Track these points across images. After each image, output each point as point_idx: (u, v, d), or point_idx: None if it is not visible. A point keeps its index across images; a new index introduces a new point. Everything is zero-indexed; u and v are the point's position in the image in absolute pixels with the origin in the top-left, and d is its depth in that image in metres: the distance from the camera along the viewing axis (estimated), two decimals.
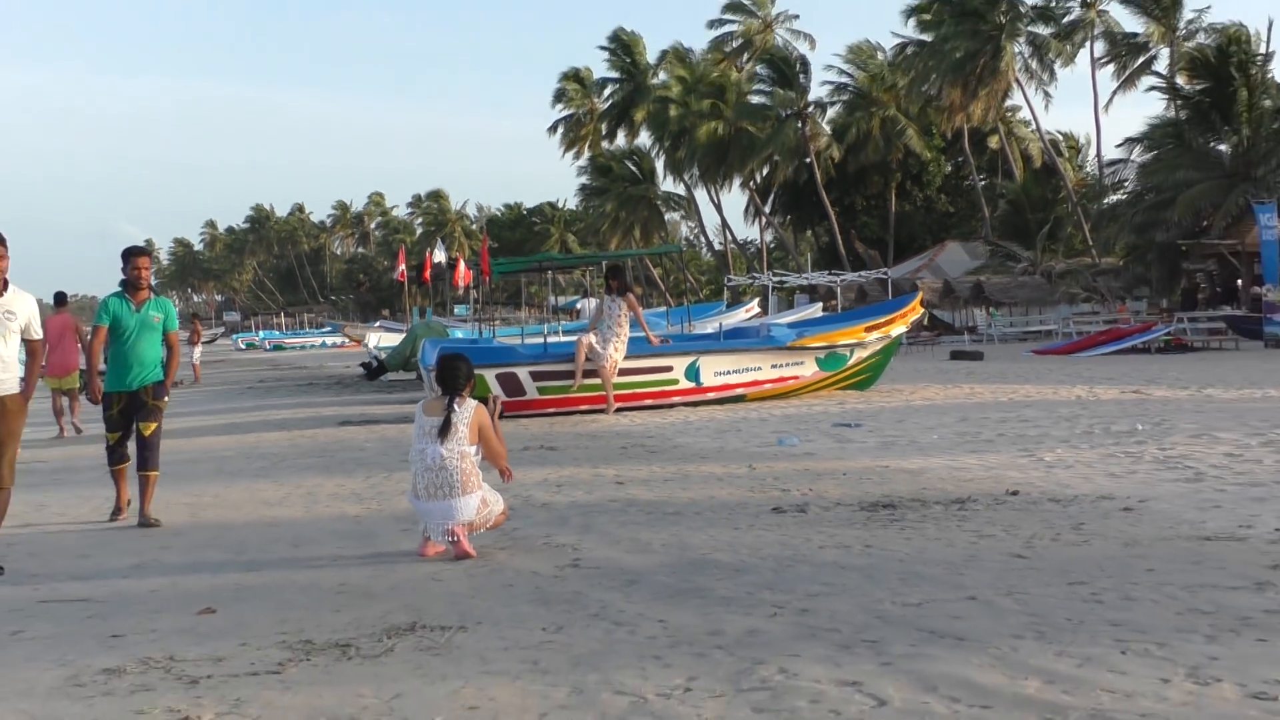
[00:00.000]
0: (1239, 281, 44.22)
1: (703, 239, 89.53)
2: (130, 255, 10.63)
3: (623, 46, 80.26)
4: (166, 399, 10.85)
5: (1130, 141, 53.99)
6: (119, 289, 10.70)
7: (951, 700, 5.08)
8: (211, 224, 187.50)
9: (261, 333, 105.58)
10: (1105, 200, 57.62)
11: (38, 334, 8.87)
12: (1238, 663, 5.38)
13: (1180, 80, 53.68)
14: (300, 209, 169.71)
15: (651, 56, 79.80)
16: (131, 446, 11.22)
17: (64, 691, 5.90)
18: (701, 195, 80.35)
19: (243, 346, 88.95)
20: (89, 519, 11.89)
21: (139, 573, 8.91)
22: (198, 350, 46.24)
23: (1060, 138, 70.02)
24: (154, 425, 10.64)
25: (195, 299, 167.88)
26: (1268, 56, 49.39)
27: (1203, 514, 9.39)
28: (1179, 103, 51.81)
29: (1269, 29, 52.30)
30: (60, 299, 23.36)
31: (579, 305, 49.40)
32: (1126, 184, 55.07)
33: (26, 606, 8.04)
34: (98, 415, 11.72)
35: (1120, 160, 56.46)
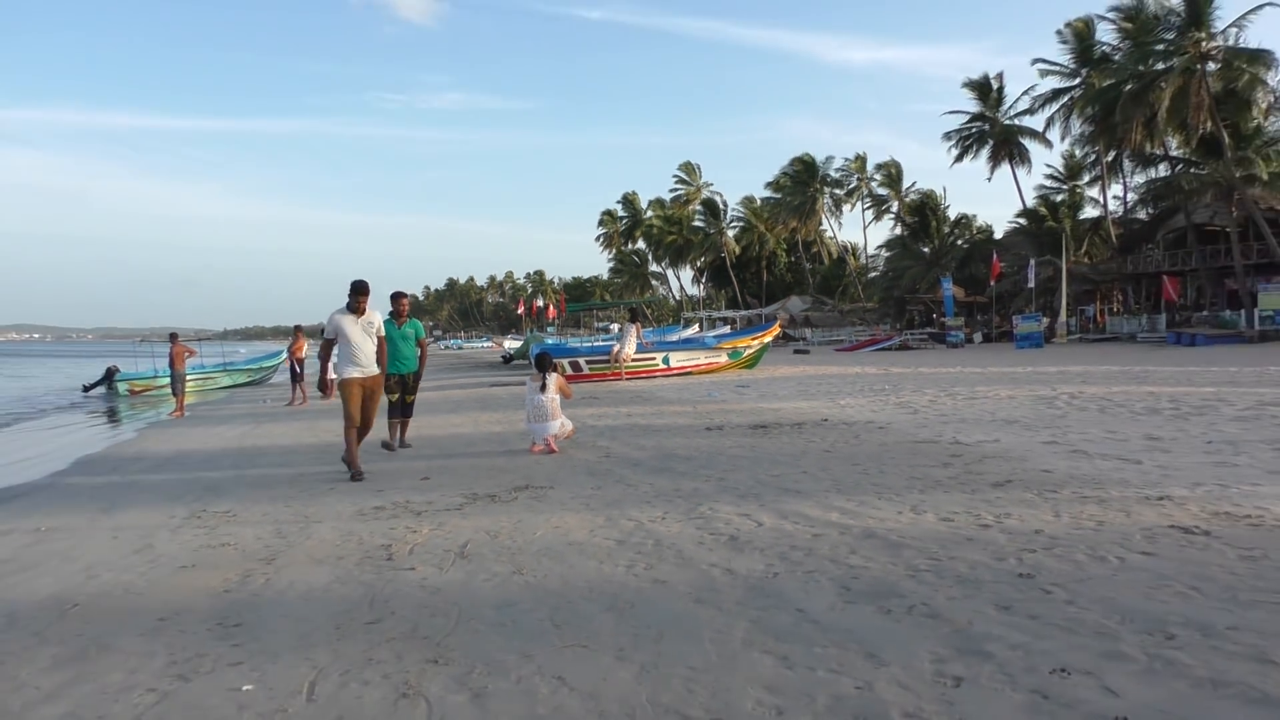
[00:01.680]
0: (934, 315, 53.38)
1: (670, 295, 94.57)
2: (397, 298, 10.49)
3: (628, 202, 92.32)
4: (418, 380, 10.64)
5: (881, 246, 68.66)
6: (389, 316, 10.16)
7: (794, 523, 5.59)
8: (426, 287, 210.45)
9: (453, 340, 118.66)
10: (868, 275, 71.28)
11: (382, 334, 8.62)
12: (935, 504, 5.93)
13: (905, 216, 64.06)
14: (471, 279, 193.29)
15: (644, 201, 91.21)
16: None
17: (354, 517, 6.53)
18: (670, 273, 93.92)
19: (443, 348, 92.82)
20: (372, 434, 12.25)
21: (390, 460, 9.44)
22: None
23: (848, 244, 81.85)
24: (413, 395, 10.49)
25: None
26: (946, 206, 61.96)
27: (918, 430, 9.88)
28: (904, 228, 63.53)
29: (944, 192, 65.24)
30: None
31: (612, 327, 51.05)
32: (879, 267, 69.08)
33: (339, 474, 8.62)
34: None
35: (875, 255, 72.30)
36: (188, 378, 21.17)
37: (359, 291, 8.50)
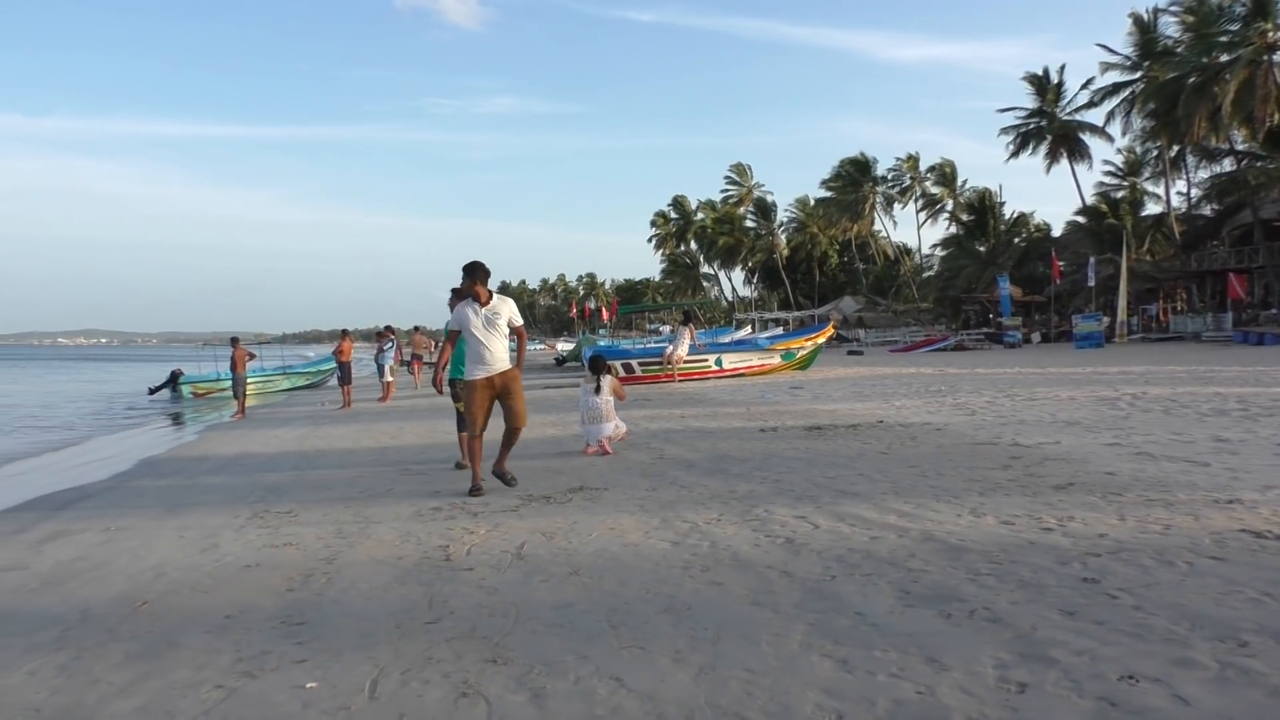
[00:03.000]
0: (990, 315, 52.31)
1: (721, 296, 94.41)
2: (457, 291, 8.36)
3: (679, 203, 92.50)
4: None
5: (935, 245, 67.80)
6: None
7: (851, 525, 5.53)
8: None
9: None
10: (922, 274, 70.05)
11: (519, 321, 7.40)
12: (995, 507, 5.83)
13: (960, 215, 62.96)
14: (523, 282, 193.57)
15: (695, 203, 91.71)
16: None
17: (412, 517, 6.62)
18: (721, 274, 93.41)
19: None
20: (424, 437, 12.28)
21: (449, 462, 9.37)
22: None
23: (902, 243, 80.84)
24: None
25: None
26: (1001, 204, 59.83)
27: (975, 431, 9.74)
28: (959, 227, 62.30)
29: (1000, 189, 67.12)
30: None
31: (663, 329, 51.36)
32: (933, 266, 67.87)
33: (397, 475, 8.74)
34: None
35: (929, 254, 71.19)
36: (248, 381, 21.61)
37: (473, 274, 7.26)
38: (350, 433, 13.91)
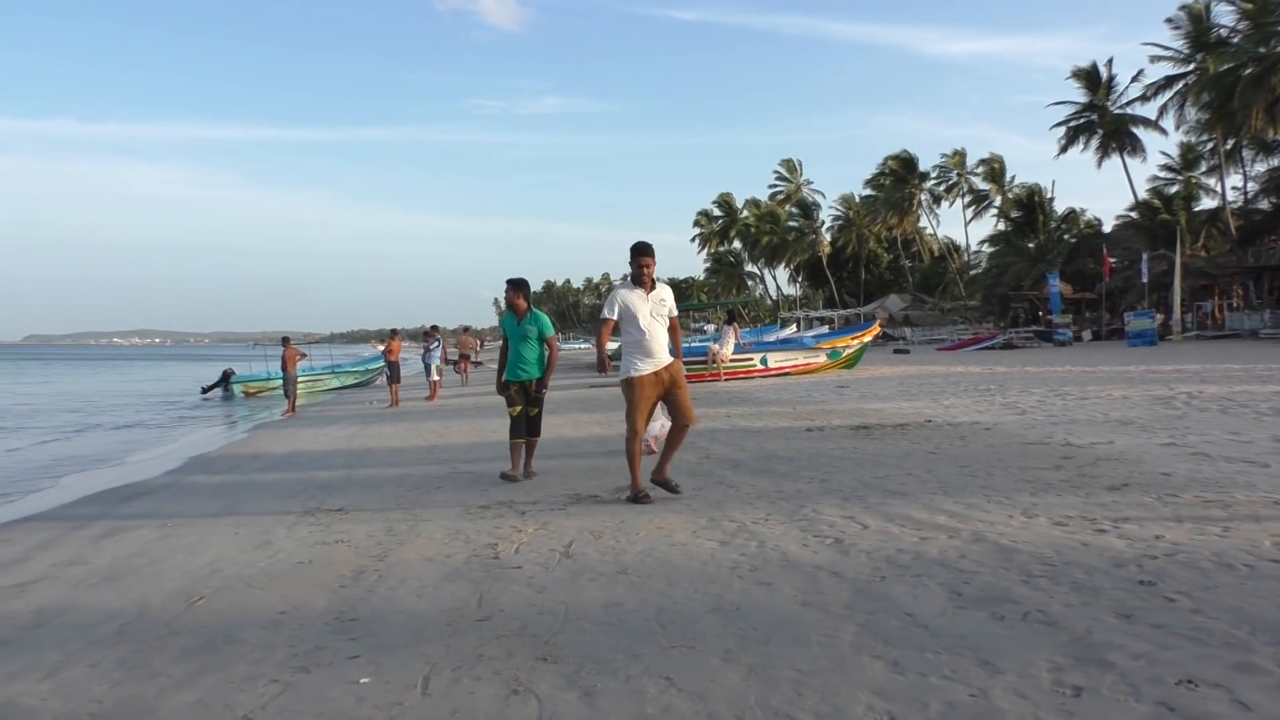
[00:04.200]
0: (1039, 313, 51.10)
1: (766, 294, 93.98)
2: (509, 286, 8.25)
3: (724, 202, 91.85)
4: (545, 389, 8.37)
5: (983, 242, 65.56)
6: (506, 310, 8.44)
7: (900, 526, 5.49)
8: None
9: None
10: (970, 272, 68.48)
11: (675, 311, 6.82)
12: (1047, 508, 5.75)
13: (1008, 211, 61.88)
14: (567, 281, 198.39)
15: (739, 201, 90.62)
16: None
17: (461, 516, 6.68)
18: (765, 273, 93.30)
19: None
20: (472, 435, 12.39)
21: (495, 461, 9.34)
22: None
23: (949, 240, 79.36)
24: (538, 409, 8.32)
25: None
26: (1051, 200, 58.34)
27: (1026, 431, 9.60)
28: (1008, 223, 60.10)
29: (1052, 185, 67.63)
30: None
31: (707, 328, 51.07)
32: (981, 263, 66.10)
33: (445, 474, 8.84)
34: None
35: (977, 251, 69.51)
36: (298, 380, 21.96)
37: (642, 254, 6.62)
38: (398, 431, 14.06)
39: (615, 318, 6.70)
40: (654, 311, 6.64)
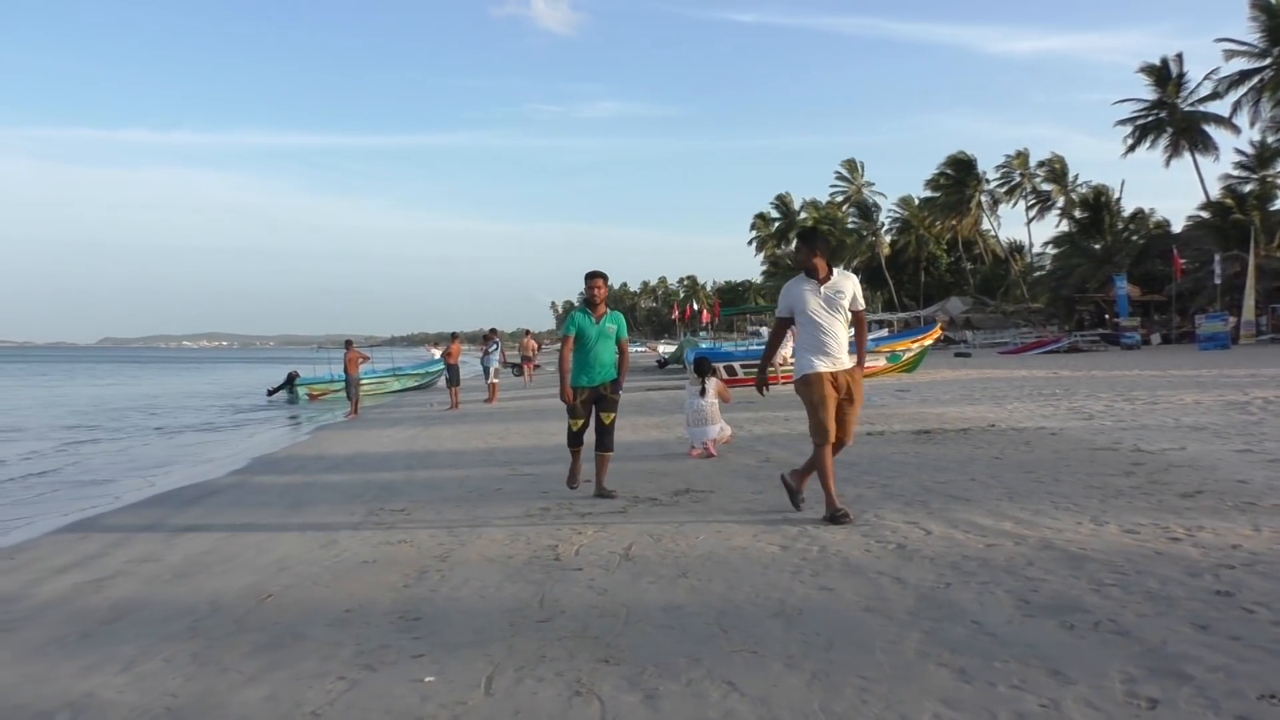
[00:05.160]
0: (1106, 315, 49.98)
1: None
2: (591, 277, 7.43)
3: (781, 204, 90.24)
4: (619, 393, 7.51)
5: (1047, 243, 62.66)
6: (581, 305, 7.62)
7: (965, 532, 5.41)
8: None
9: None
10: (1033, 274, 66.03)
11: (861, 304, 5.99)
12: (1116, 514, 5.63)
13: (1072, 212, 59.92)
14: (624, 285, 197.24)
15: (797, 203, 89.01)
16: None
17: (522, 516, 6.74)
18: None
19: None
20: (530, 438, 12.64)
21: (555, 463, 9.35)
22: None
23: (1012, 240, 78.06)
24: (613, 415, 7.44)
25: None
26: (1119, 200, 56.22)
27: (1094, 436, 9.44)
28: (1073, 224, 57.90)
29: (1121, 185, 63.43)
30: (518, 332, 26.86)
31: (764, 331, 50.96)
32: (1045, 265, 63.51)
33: (505, 476, 8.93)
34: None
35: (1040, 253, 66.97)
36: (361, 382, 22.32)
37: (812, 243, 5.90)
38: (458, 434, 14.21)
39: (787, 315, 5.99)
40: (829, 304, 5.83)
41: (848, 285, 5.91)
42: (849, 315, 5.94)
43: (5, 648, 4.30)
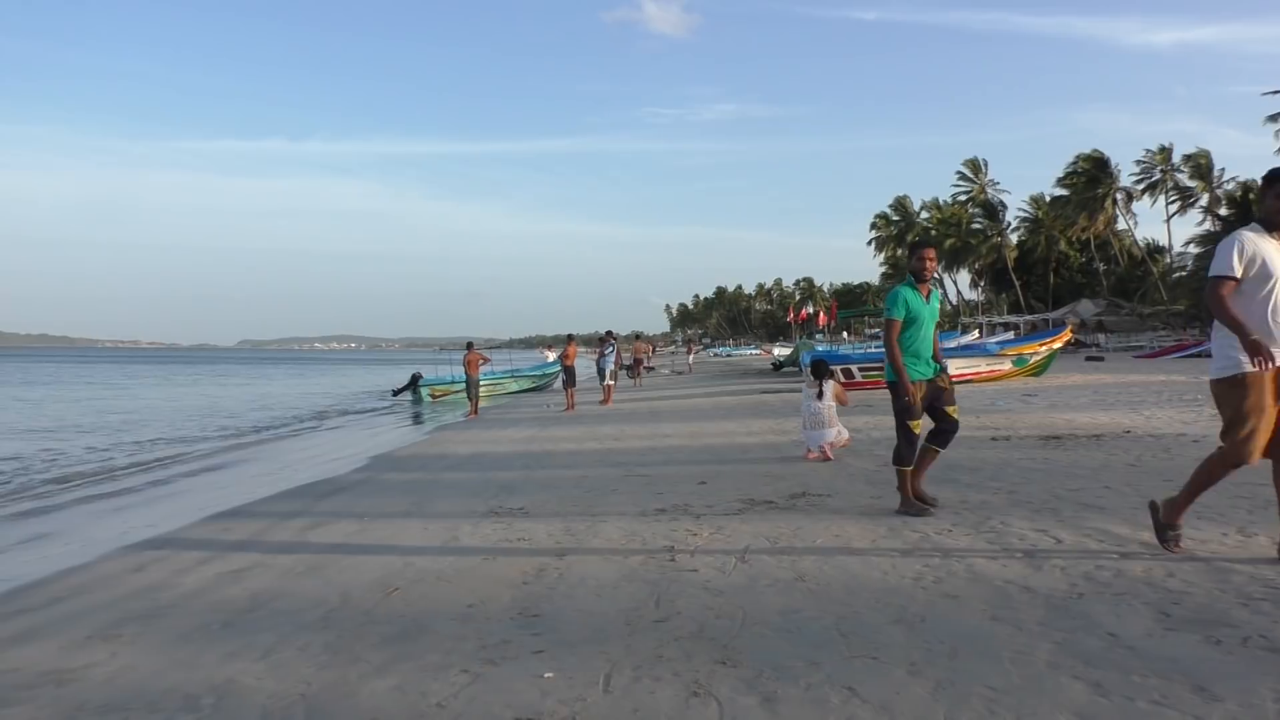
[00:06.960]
0: None
1: (946, 300, 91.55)
2: (919, 247, 6.13)
3: (900, 205, 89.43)
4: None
5: (1189, 243, 59.90)
6: (908, 281, 6.17)
7: (1099, 541, 5.21)
8: (696, 295, 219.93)
9: (722, 348, 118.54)
10: (1173, 275, 61.70)
11: None
12: (1266, 525, 5.34)
13: (1217, 210, 58.15)
14: (739, 287, 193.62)
15: (918, 203, 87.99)
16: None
17: (638, 517, 6.79)
18: (945, 277, 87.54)
19: (712, 355, 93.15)
20: (646, 439, 12.71)
21: (669, 464, 9.57)
22: (692, 356, 54.83)
23: (1151, 240, 74.19)
24: (954, 406, 6.34)
25: (686, 332, 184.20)
26: None
27: None
28: (1218, 222, 55.33)
29: None
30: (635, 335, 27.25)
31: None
32: (1186, 266, 59.21)
33: (620, 476, 8.99)
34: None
35: (1181, 253, 62.54)
36: (480, 383, 22.84)
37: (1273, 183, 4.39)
38: (574, 434, 14.39)
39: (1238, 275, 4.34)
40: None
41: None
42: None
43: (155, 634, 4.55)
